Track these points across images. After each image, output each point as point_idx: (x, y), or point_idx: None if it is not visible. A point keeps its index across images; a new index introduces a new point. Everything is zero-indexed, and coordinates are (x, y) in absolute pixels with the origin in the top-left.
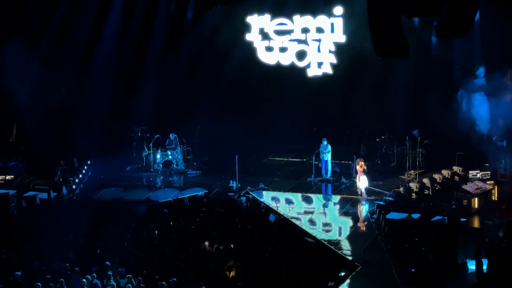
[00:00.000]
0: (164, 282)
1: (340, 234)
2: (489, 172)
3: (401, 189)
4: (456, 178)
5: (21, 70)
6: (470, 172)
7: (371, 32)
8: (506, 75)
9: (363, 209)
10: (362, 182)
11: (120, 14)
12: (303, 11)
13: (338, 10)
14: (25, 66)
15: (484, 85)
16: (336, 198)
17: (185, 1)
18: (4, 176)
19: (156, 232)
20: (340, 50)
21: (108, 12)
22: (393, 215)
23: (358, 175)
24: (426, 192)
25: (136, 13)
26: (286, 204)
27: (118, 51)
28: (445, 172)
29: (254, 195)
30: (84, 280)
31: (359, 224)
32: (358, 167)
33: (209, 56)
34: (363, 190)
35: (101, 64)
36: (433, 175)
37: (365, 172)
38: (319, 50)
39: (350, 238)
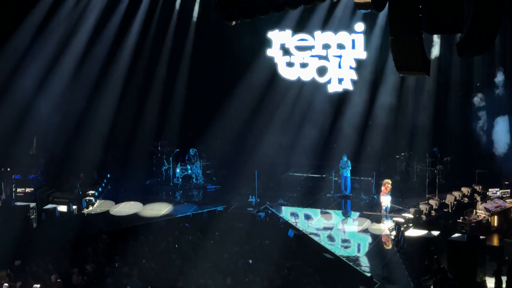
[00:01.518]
0: None
1: (359, 250)
2: (509, 190)
3: (421, 206)
4: (476, 196)
5: (42, 83)
6: (490, 190)
7: (392, 49)
8: None
9: (383, 226)
10: (385, 201)
11: (140, 28)
12: (324, 27)
13: (359, 26)
14: (47, 79)
15: (504, 102)
16: (356, 214)
17: (206, 14)
18: (24, 189)
19: (176, 246)
20: (361, 66)
21: (129, 26)
22: (412, 232)
23: (381, 195)
24: (446, 209)
25: (157, 26)
26: (305, 219)
27: (139, 65)
28: (465, 190)
29: (273, 210)
30: None
31: (378, 241)
32: (383, 188)
33: (230, 71)
34: (384, 207)
35: (121, 78)
36: (453, 193)
37: (388, 192)
38: (340, 66)
39: (369, 254)
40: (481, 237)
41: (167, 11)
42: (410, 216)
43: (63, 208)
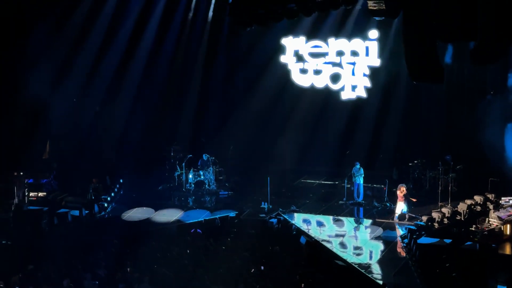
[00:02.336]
0: None
1: (371, 257)
2: None
3: (433, 214)
4: (489, 204)
5: (56, 88)
6: (502, 198)
7: (406, 57)
8: None
9: (395, 233)
10: (399, 207)
11: (155, 34)
12: (338, 34)
13: (374, 33)
14: (60, 83)
15: None
16: (368, 221)
17: (220, 21)
18: (36, 193)
19: (188, 251)
20: (374, 73)
21: (143, 31)
22: (424, 240)
23: (398, 200)
24: (458, 217)
25: (171, 32)
26: (317, 226)
27: (152, 70)
28: (477, 198)
29: (285, 216)
30: None
31: (390, 248)
32: (399, 192)
33: (243, 77)
34: (398, 214)
35: (135, 83)
36: (465, 201)
37: (405, 198)
38: (353, 73)
39: (381, 262)
40: (493, 245)
41: (182, 16)
42: (423, 224)
43: (75, 213)
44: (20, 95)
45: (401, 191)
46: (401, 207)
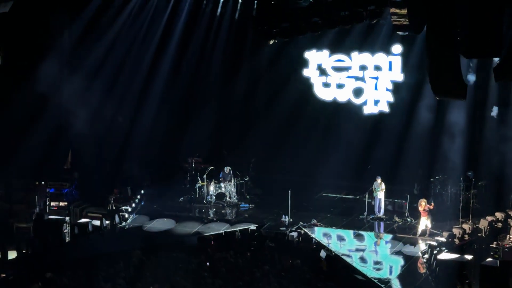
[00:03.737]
0: None
1: (391, 273)
2: None
3: (454, 230)
4: (510, 221)
5: (78, 98)
6: None
7: (429, 72)
8: None
9: (416, 249)
10: (422, 223)
11: (177, 45)
12: (361, 48)
13: (397, 48)
14: (84, 94)
15: None
16: (388, 236)
17: (243, 33)
18: (57, 203)
19: (208, 264)
20: (397, 88)
21: (166, 43)
22: (445, 256)
23: (422, 216)
24: (479, 234)
25: (193, 44)
26: (338, 240)
27: (174, 82)
28: (499, 215)
29: (306, 230)
30: None
31: (410, 264)
32: (420, 208)
33: (265, 89)
34: (421, 230)
35: (157, 94)
36: (487, 217)
37: (427, 213)
38: (376, 88)
39: (401, 277)
40: None
41: (205, 28)
42: (443, 239)
43: (96, 223)
44: (44, 106)
45: (422, 206)
46: (424, 222)
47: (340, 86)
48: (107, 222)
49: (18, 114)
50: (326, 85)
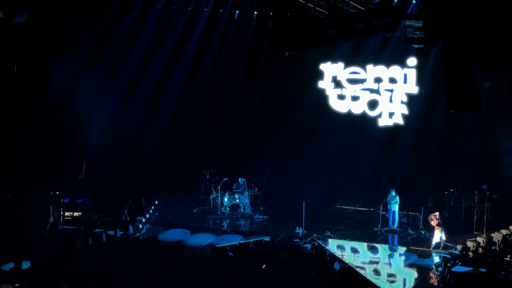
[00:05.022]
0: None
1: (404, 285)
2: None
3: (468, 243)
4: None
5: (93, 109)
6: None
7: (444, 85)
8: None
9: (429, 261)
10: (436, 236)
11: (192, 57)
12: (376, 60)
13: (412, 61)
14: (97, 104)
15: None
16: (402, 249)
17: (259, 44)
18: (72, 213)
19: (221, 275)
20: (412, 101)
21: (181, 55)
22: (458, 269)
23: (436, 229)
24: (493, 247)
25: (209, 55)
26: (352, 253)
27: (189, 94)
28: None
29: (319, 242)
30: None
31: (424, 276)
32: (432, 223)
33: (280, 101)
34: (435, 243)
35: (172, 105)
36: (501, 231)
37: (439, 225)
38: (391, 100)
39: None
40: None
41: (220, 40)
42: (457, 252)
43: (110, 233)
44: (59, 116)
45: (433, 220)
46: (438, 235)
47: (355, 98)
48: (121, 232)
49: (34, 123)
50: (341, 97)
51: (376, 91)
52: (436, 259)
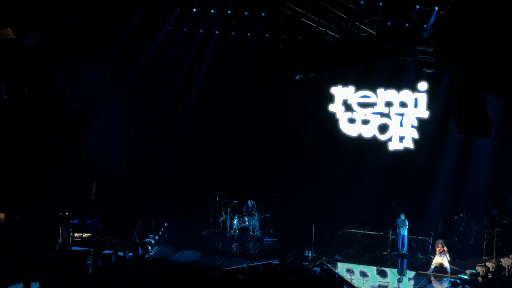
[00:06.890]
0: None
1: None
2: None
3: (477, 268)
4: None
5: (104, 130)
6: None
7: (454, 110)
8: None
9: (439, 286)
10: (436, 261)
11: (203, 79)
12: (387, 85)
13: (423, 85)
14: (108, 127)
15: None
16: (411, 273)
17: (270, 68)
18: (81, 234)
19: None
20: (423, 125)
21: (192, 76)
22: None
23: (436, 255)
24: (503, 272)
25: (219, 76)
26: (361, 276)
27: (199, 116)
28: None
29: (329, 265)
30: None
31: None
32: (437, 249)
33: (291, 124)
34: (433, 267)
35: (182, 127)
36: (510, 256)
37: (441, 253)
38: (401, 125)
39: None
40: None
41: (230, 62)
42: (467, 277)
43: (119, 254)
44: (69, 137)
45: (439, 247)
46: (438, 261)
47: (365, 122)
48: (130, 254)
49: (43, 144)
50: (352, 120)
51: (386, 115)
52: (446, 283)
